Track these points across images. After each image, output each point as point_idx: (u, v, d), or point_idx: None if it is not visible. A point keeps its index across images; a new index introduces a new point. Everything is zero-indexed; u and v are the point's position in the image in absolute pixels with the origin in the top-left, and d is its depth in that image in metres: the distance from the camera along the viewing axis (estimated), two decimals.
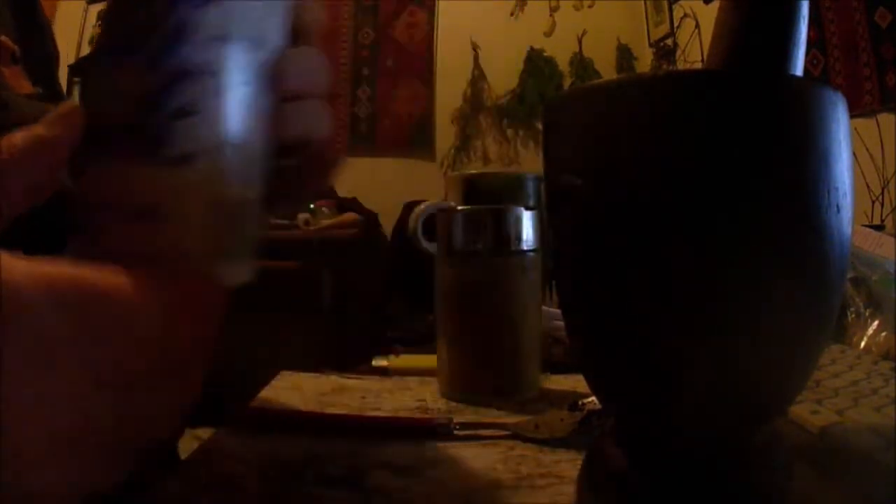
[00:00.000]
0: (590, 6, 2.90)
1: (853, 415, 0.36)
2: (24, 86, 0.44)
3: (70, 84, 1.51)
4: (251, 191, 0.24)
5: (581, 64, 2.88)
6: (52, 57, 0.53)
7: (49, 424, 0.16)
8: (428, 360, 0.59)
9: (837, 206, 0.25)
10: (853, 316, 0.55)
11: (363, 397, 0.53)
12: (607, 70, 2.87)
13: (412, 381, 0.58)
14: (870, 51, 1.72)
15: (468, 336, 0.53)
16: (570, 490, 0.34)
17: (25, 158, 0.21)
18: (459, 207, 0.55)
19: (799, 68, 0.28)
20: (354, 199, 2.75)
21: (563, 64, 2.90)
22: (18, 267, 0.16)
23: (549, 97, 0.34)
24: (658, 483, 0.28)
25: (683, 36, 2.58)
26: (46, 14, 0.53)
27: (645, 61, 2.85)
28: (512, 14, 2.91)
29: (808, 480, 0.33)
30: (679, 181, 0.24)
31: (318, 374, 0.59)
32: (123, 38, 0.23)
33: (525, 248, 0.53)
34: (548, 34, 2.92)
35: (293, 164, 0.26)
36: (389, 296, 2.34)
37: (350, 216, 2.60)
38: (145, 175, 0.21)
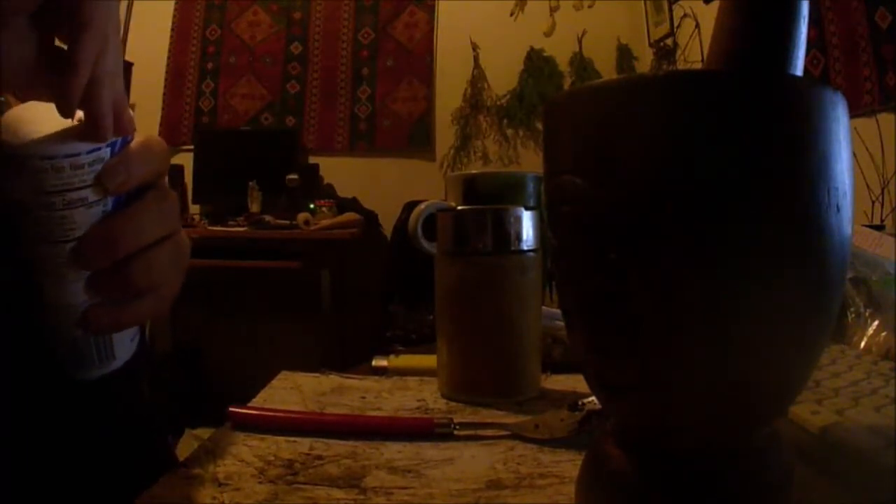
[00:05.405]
0: (590, 6, 2.89)
1: (853, 415, 0.36)
2: None
3: None
4: None
5: (581, 64, 2.87)
6: None
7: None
8: (428, 360, 0.59)
9: (837, 206, 0.25)
10: (853, 316, 0.55)
11: (363, 397, 0.53)
12: (607, 70, 2.86)
13: (412, 381, 0.58)
14: (870, 51, 1.72)
15: (468, 336, 0.53)
16: (570, 490, 0.34)
17: None
18: (459, 207, 0.55)
19: (799, 68, 0.28)
20: (354, 199, 2.75)
21: (563, 64, 2.90)
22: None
23: (549, 97, 0.34)
24: (658, 483, 0.28)
25: (683, 36, 2.57)
26: None
27: (645, 61, 2.84)
28: (512, 14, 2.91)
29: (808, 480, 0.33)
30: (679, 181, 0.24)
31: (318, 374, 0.59)
32: None
33: (525, 248, 0.53)
34: (548, 34, 2.91)
35: None
36: (389, 296, 2.33)
37: (350, 216, 2.60)
38: None
